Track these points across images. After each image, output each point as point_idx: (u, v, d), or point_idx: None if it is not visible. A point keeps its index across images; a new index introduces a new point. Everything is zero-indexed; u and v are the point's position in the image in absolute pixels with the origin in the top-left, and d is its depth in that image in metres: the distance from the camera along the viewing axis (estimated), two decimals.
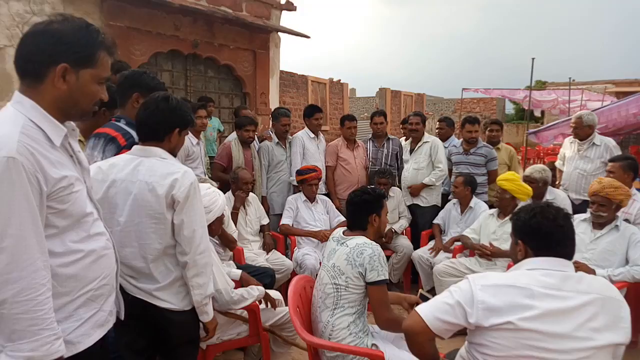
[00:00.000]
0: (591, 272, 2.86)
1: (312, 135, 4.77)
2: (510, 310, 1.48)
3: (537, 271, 1.56)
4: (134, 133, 2.15)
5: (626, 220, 3.27)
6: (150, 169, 1.81)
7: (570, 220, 1.65)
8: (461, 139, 4.81)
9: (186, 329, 1.95)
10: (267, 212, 4.31)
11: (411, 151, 4.67)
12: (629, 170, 3.57)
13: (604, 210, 3.09)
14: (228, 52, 6.59)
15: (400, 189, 4.75)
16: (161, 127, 1.88)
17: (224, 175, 4.22)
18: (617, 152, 4.34)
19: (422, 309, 1.60)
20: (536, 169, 3.95)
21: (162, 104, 1.88)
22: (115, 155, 2.06)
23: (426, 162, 4.51)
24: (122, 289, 1.89)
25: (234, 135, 4.49)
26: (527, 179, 3.82)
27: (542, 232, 1.61)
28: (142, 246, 1.82)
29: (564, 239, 1.61)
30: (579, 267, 2.85)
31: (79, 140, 2.50)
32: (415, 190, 4.51)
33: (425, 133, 4.66)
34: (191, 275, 1.84)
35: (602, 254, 3.08)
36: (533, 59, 8.76)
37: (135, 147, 1.92)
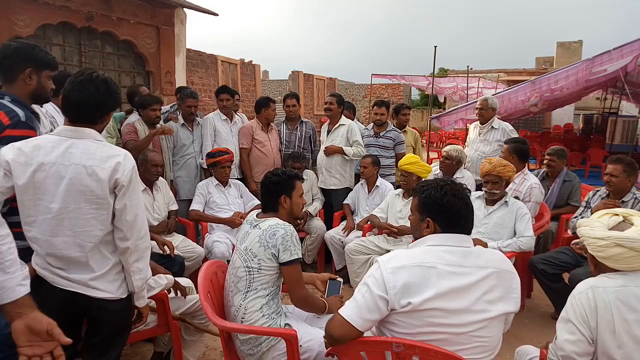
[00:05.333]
0: (484, 245, 3.12)
1: (224, 117, 4.62)
2: (418, 291, 1.55)
3: (440, 247, 1.64)
4: (20, 111, 1.95)
5: (516, 197, 3.61)
6: (86, 151, 1.71)
7: (469, 196, 1.77)
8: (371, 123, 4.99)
9: (122, 317, 1.90)
10: (175, 198, 4.09)
11: (328, 132, 4.70)
12: (513, 153, 3.95)
13: (497, 188, 3.38)
14: (128, 26, 6.13)
15: (314, 171, 4.80)
16: (99, 110, 1.79)
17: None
18: (514, 135, 4.71)
19: (349, 314, 1.61)
20: (455, 148, 4.28)
21: (103, 86, 1.78)
22: None
23: (342, 144, 4.55)
24: (46, 282, 1.77)
25: (135, 116, 4.18)
26: (445, 155, 4.17)
27: (454, 210, 1.69)
28: (79, 234, 1.71)
29: (470, 215, 1.72)
30: (474, 242, 3.11)
31: None
32: (330, 150, 4.52)
33: (343, 117, 4.69)
34: (132, 260, 1.80)
35: (494, 228, 3.38)
36: (435, 46, 9.21)
37: (62, 127, 1.76)
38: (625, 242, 1.64)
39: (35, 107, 2.20)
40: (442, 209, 1.69)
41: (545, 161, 4.40)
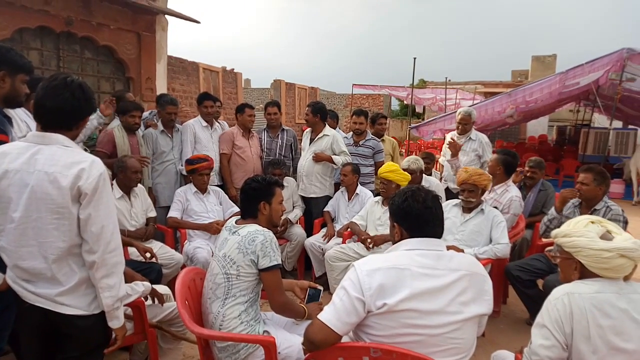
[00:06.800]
0: (460, 252, 3.18)
1: (205, 123, 4.61)
2: (393, 292, 1.58)
3: (414, 251, 1.68)
4: None
5: (495, 207, 3.68)
6: (50, 157, 1.62)
7: (438, 201, 1.79)
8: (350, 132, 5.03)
9: (95, 335, 1.79)
10: (154, 205, 4.06)
11: (311, 141, 4.71)
12: (501, 164, 4.03)
13: (473, 196, 3.45)
14: (108, 32, 6.06)
15: (295, 179, 4.82)
16: (75, 116, 1.71)
17: (109, 161, 3.88)
18: (489, 147, 4.85)
19: (328, 319, 1.62)
20: (411, 160, 4.32)
21: (78, 91, 1.69)
22: None
23: (327, 154, 4.55)
24: (17, 296, 1.70)
25: (116, 122, 4.15)
26: (407, 171, 4.17)
27: (413, 214, 1.73)
28: (42, 245, 1.63)
29: (433, 219, 1.74)
30: (449, 248, 3.16)
31: None
32: (319, 158, 4.52)
33: (327, 127, 4.71)
34: (100, 276, 1.67)
35: (471, 235, 3.44)
36: (415, 58, 9.44)
37: (31, 133, 1.71)
38: (628, 252, 1.64)
39: (9, 110, 2.17)
40: (403, 213, 1.75)
41: (527, 173, 4.49)
